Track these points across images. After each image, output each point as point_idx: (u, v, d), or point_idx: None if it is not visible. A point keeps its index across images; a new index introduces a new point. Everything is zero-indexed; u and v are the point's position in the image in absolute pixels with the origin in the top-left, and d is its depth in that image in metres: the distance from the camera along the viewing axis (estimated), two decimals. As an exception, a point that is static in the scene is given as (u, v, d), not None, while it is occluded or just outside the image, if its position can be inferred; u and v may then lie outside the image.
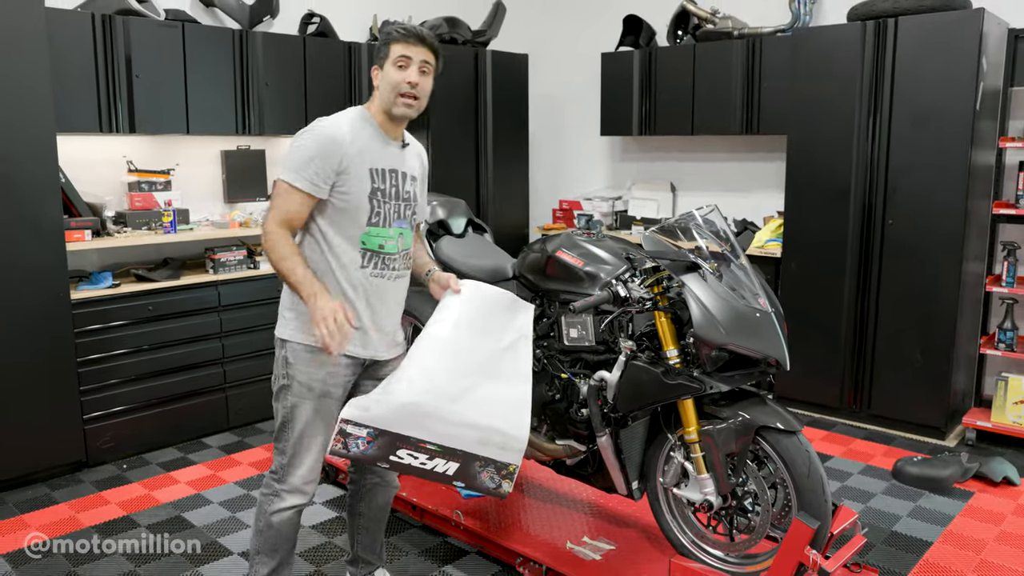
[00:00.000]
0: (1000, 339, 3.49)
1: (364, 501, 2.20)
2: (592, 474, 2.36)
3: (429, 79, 1.95)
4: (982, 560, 2.53)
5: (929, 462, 3.12)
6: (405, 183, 1.99)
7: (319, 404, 1.95)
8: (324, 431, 1.97)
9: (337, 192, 1.88)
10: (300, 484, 1.97)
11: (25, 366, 3.02)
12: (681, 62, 4.36)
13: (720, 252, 2.06)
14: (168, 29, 3.55)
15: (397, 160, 1.98)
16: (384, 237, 1.94)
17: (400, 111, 1.91)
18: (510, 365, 2.04)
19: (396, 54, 1.90)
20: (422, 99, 1.94)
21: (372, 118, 1.95)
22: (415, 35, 1.91)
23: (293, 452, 1.96)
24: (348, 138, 1.88)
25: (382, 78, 1.92)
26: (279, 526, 1.99)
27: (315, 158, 1.85)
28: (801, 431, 1.98)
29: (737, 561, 2.12)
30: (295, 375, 1.94)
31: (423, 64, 1.92)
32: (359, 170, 1.89)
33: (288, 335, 1.95)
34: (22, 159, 2.95)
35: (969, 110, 3.26)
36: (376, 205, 1.92)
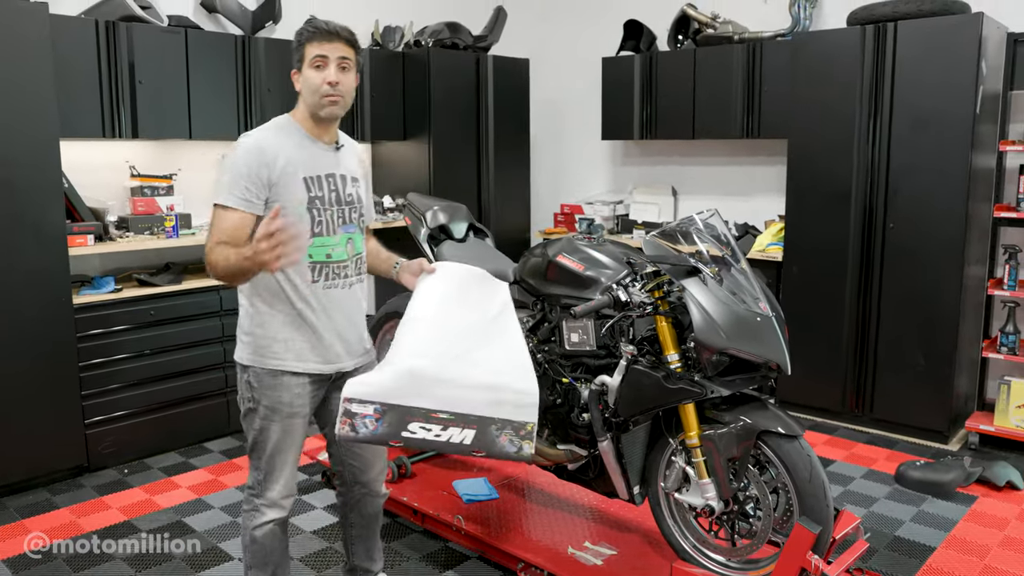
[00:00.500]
0: (1002, 343, 3.48)
1: (354, 512, 2.19)
2: (593, 479, 2.35)
3: (351, 75, 1.87)
4: (986, 565, 2.52)
5: (932, 466, 3.11)
6: (346, 186, 1.94)
7: (286, 424, 1.92)
8: (295, 448, 1.97)
9: (272, 207, 1.81)
10: (278, 499, 1.96)
11: (27, 370, 3.02)
12: (682, 67, 4.37)
13: (721, 256, 2.06)
14: (171, 35, 3.56)
15: (332, 164, 1.92)
16: (330, 245, 1.89)
17: (326, 112, 1.86)
18: (501, 331, 1.99)
19: (312, 55, 1.83)
20: (346, 97, 1.87)
21: (299, 125, 1.90)
22: (328, 32, 1.83)
23: (267, 469, 1.95)
24: (274, 149, 1.83)
25: (302, 82, 1.86)
26: (263, 540, 1.98)
27: (243, 174, 1.80)
28: (803, 435, 1.98)
29: (739, 566, 2.11)
30: (260, 398, 1.90)
31: (341, 61, 1.84)
32: (292, 181, 1.84)
33: (248, 360, 1.91)
34: (25, 164, 2.96)
35: (969, 114, 3.26)
36: (317, 214, 1.87)
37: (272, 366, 1.89)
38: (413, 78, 4.50)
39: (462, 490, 2.75)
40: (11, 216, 2.94)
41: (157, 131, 3.59)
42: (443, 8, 4.91)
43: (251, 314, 1.92)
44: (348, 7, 4.52)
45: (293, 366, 1.90)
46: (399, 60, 4.52)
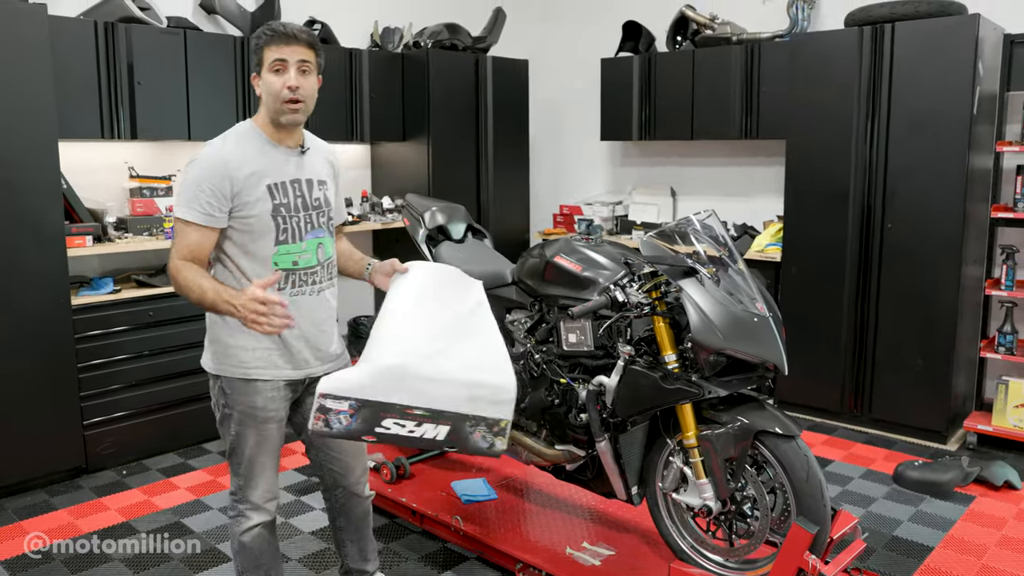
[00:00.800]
0: (1000, 342, 3.48)
1: (341, 515, 2.18)
2: (591, 479, 2.36)
3: (311, 78, 1.83)
4: (984, 565, 2.53)
5: (930, 466, 3.12)
6: (312, 190, 1.91)
7: (261, 429, 1.91)
8: (273, 451, 1.96)
9: (237, 217, 1.80)
10: (261, 502, 1.96)
11: (26, 371, 3.03)
12: (680, 67, 4.37)
13: (718, 257, 2.07)
14: (170, 36, 3.57)
15: (297, 169, 1.89)
16: (296, 253, 1.87)
17: (287, 119, 1.82)
18: (476, 327, 1.95)
19: (271, 58, 1.79)
20: (307, 101, 1.84)
21: (261, 131, 1.86)
22: (287, 35, 1.79)
23: (247, 474, 1.94)
24: (236, 159, 1.80)
25: (262, 86, 1.82)
26: (252, 543, 1.97)
27: (204, 187, 1.76)
28: (800, 436, 1.98)
29: (737, 566, 2.11)
30: (234, 404, 1.89)
31: (301, 64, 1.80)
32: (255, 190, 1.81)
33: (217, 369, 1.90)
34: (24, 165, 2.97)
35: (966, 114, 3.27)
36: (282, 222, 1.84)
37: (240, 374, 1.87)
38: (412, 79, 4.51)
39: (461, 491, 2.75)
40: (10, 217, 2.95)
41: (156, 132, 3.59)
42: (442, 9, 4.92)
43: (218, 322, 1.88)
44: (347, 8, 4.53)
45: (261, 374, 1.88)
46: (398, 61, 4.53)
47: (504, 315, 2.56)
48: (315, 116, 4.50)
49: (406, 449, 3.03)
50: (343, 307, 4.82)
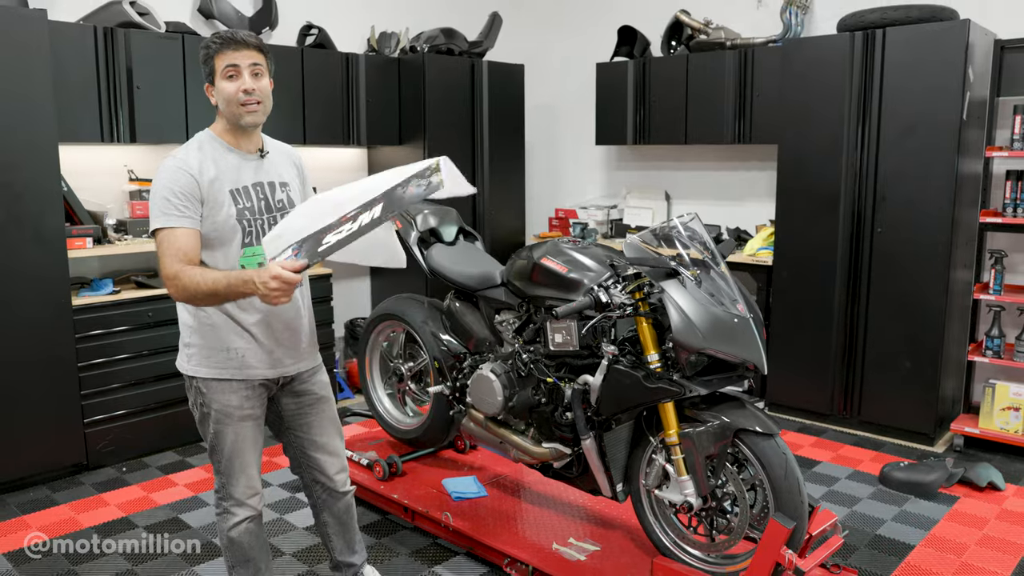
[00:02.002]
0: (988, 346, 3.52)
1: (324, 511, 2.22)
2: (578, 476, 2.40)
3: (264, 80, 1.88)
4: (963, 563, 2.57)
5: (915, 467, 3.15)
6: (275, 192, 1.94)
7: (239, 427, 1.95)
8: (252, 448, 1.99)
9: (205, 224, 1.83)
10: (243, 499, 1.99)
11: (27, 371, 3.09)
12: (675, 72, 4.42)
13: (701, 259, 2.11)
14: (168, 42, 3.63)
15: (258, 172, 1.93)
16: (261, 255, 1.88)
17: (248, 120, 1.86)
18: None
19: (223, 65, 1.83)
20: (265, 102, 1.88)
21: (219, 138, 1.90)
22: (235, 40, 1.83)
23: (228, 471, 1.97)
24: (200, 166, 1.84)
25: (217, 94, 1.86)
26: (239, 539, 2.01)
27: (176, 192, 1.79)
28: (779, 434, 2.03)
29: (717, 561, 2.16)
30: (211, 404, 1.92)
31: (253, 67, 1.85)
32: (219, 196, 1.84)
33: (192, 371, 1.93)
34: (25, 168, 3.03)
35: (956, 120, 3.31)
36: (247, 225, 1.88)
37: (215, 375, 1.91)
38: (409, 83, 4.56)
39: (452, 488, 2.80)
40: (11, 219, 3.01)
41: (155, 136, 3.65)
42: (438, 14, 4.98)
43: (192, 326, 1.93)
44: (344, 13, 4.59)
45: (235, 374, 1.92)
46: (395, 66, 4.58)
47: (493, 316, 2.61)
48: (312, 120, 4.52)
49: (399, 447, 3.08)
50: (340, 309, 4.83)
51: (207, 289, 1.75)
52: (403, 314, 2.90)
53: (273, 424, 2.12)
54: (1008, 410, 3.43)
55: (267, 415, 2.06)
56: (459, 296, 2.76)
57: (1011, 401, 3.42)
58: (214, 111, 3.77)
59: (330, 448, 2.14)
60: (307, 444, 2.12)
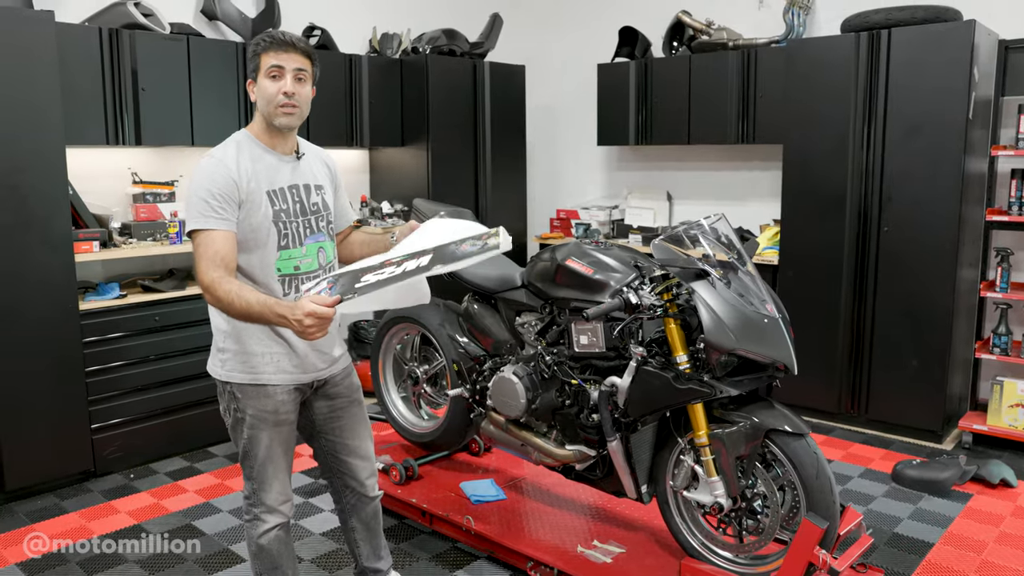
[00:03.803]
0: (995, 343, 3.56)
1: (352, 516, 2.20)
2: (602, 478, 2.39)
3: (307, 86, 1.87)
4: (984, 560, 2.59)
5: (928, 465, 3.18)
6: (310, 195, 1.93)
7: (274, 432, 1.93)
8: (286, 454, 1.97)
9: (242, 225, 1.82)
10: (275, 505, 1.97)
11: (35, 376, 3.03)
12: (677, 73, 4.43)
13: (727, 260, 2.11)
14: (173, 43, 3.58)
15: (294, 174, 1.92)
16: (297, 257, 1.89)
17: (282, 122, 1.85)
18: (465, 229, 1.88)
19: (268, 65, 1.82)
20: (303, 107, 1.87)
21: (256, 138, 1.89)
22: (284, 42, 1.82)
23: (260, 478, 1.95)
24: (236, 167, 1.82)
25: (258, 92, 1.85)
26: (269, 546, 1.99)
27: (214, 194, 1.78)
28: (809, 434, 2.03)
29: (746, 562, 2.16)
30: (246, 408, 1.91)
31: (297, 72, 1.84)
32: (256, 197, 1.83)
33: (226, 376, 1.91)
34: (32, 171, 2.98)
35: (962, 119, 3.34)
36: (283, 227, 1.87)
37: (251, 379, 1.89)
38: (411, 85, 4.54)
39: (470, 491, 2.78)
40: (19, 222, 2.96)
41: (160, 138, 3.60)
42: (439, 15, 4.96)
43: (227, 330, 1.90)
44: (346, 14, 4.56)
45: (271, 378, 1.90)
46: (397, 67, 4.56)
47: (513, 318, 2.60)
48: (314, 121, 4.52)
49: (414, 451, 3.06)
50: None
51: (239, 309, 1.72)
52: (419, 317, 2.88)
53: (304, 428, 2.09)
54: (1016, 407, 3.46)
55: (299, 420, 2.04)
56: (477, 298, 2.74)
57: (1019, 398, 3.46)
58: (219, 113, 3.78)
59: (362, 452, 2.12)
60: (339, 448, 2.10)
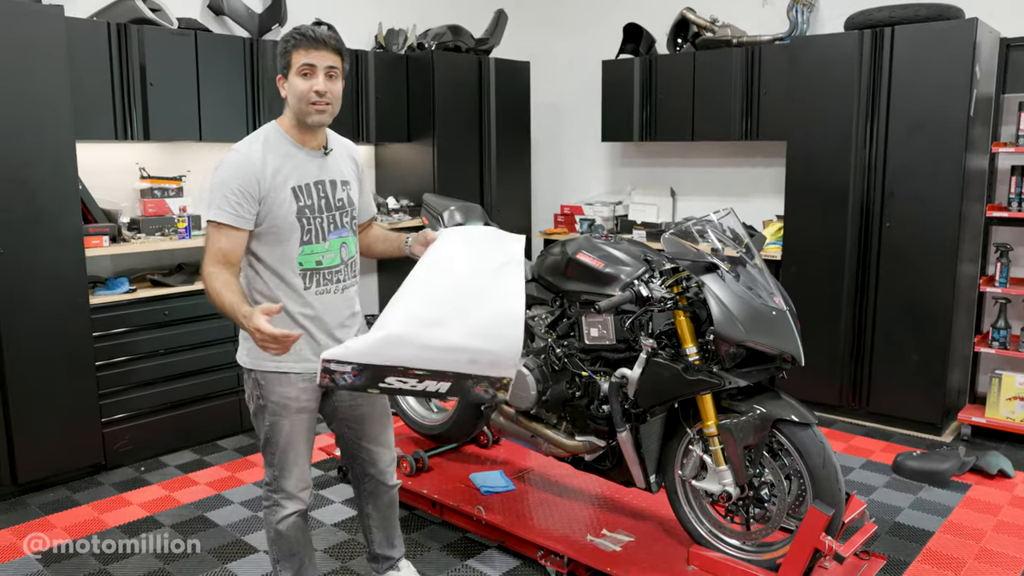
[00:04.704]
0: (994, 338, 3.61)
1: (369, 503, 2.25)
2: (611, 469, 2.44)
3: (338, 83, 1.88)
4: (982, 548, 2.64)
5: (928, 456, 3.23)
6: (336, 191, 1.96)
7: (295, 419, 1.97)
8: (306, 442, 2.01)
9: (264, 219, 1.84)
10: (295, 491, 2.01)
11: (46, 370, 3.06)
12: (681, 70, 4.47)
13: (736, 253, 2.15)
14: (181, 38, 3.60)
15: (321, 170, 1.93)
16: (320, 252, 1.92)
17: (313, 120, 1.86)
18: (499, 285, 1.91)
19: (299, 63, 1.83)
20: (334, 104, 1.87)
21: (286, 133, 1.90)
22: (316, 40, 1.83)
23: (281, 464, 1.99)
24: (261, 162, 1.83)
25: (288, 89, 1.86)
26: (287, 532, 2.03)
27: (233, 188, 1.80)
28: (816, 423, 2.08)
29: (753, 549, 2.20)
30: (268, 395, 1.95)
31: (329, 69, 1.84)
32: (281, 193, 1.85)
33: (250, 364, 1.96)
34: (42, 167, 3.00)
35: (963, 116, 3.38)
36: (306, 223, 1.89)
37: (273, 367, 1.92)
38: (417, 80, 4.57)
39: (480, 482, 2.82)
40: (30, 217, 2.98)
41: (168, 133, 3.62)
42: (444, 11, 4.98)
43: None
44: (351, 10, 4.58)
45: (292, 366, 1.93)
46: (403, 63, 4.58)
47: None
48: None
49: (422, 443, 3.10)
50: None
51: (218, 304, 1.79)
52: None
53: (327, 415, 2.13)
54: (1014, 400, 3.52)
55: (322, 406, 2.08)
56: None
57: (1017, 391, 3.51)
58: (226, 109, 3.80)
59: (382, 440, 2.17)
60: (361, 435, 2.14)
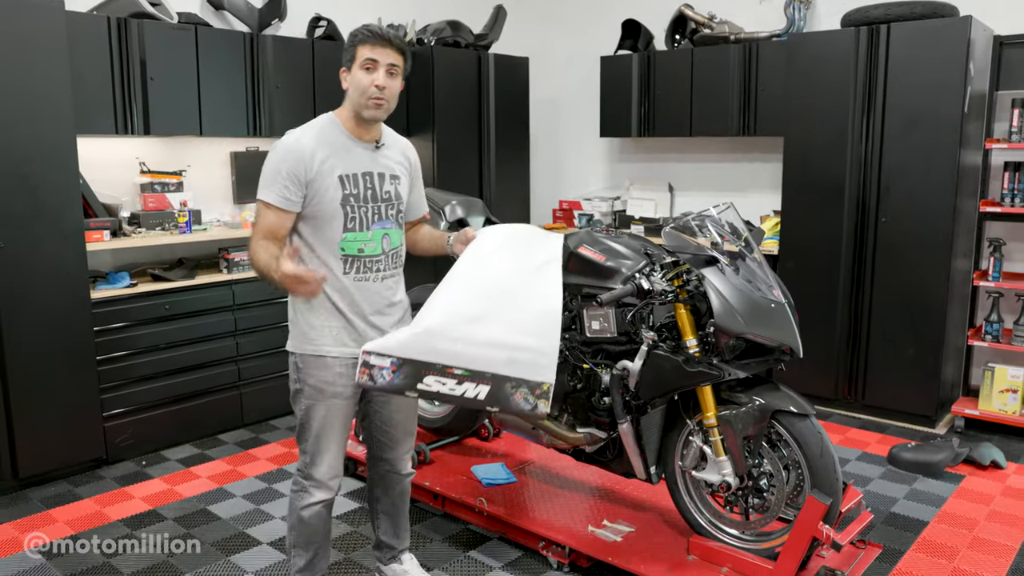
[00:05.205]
0: (987, 331, 3.65)
1: (379, 487, 2.29)
2: (611, 460, 2.47)
3: (397, 81, 1.97)
4: (975, 537, 2.69)
5: (922, 448, 3.28)
6: (383, 183, 2.02)
7: (331, 404, 2.02)
8: (339, 429, 2.05)
9: (310, 203, 1.93)
10: (324, 479, 2.05)
11: (47, 364, 3.07)
12: (679, 66, 4.49)
13: (736, 247, 2.18)
14: (181, 32, 3.61)
15: (371, 162, 2.00)
16: (362, 241, 1.98)
17: (369, 114, 1.94)
18: (538, 284, 1.99)
19: (363, 57, 1.92)
20: (390, 101, 1.96)
21: (341, 124, 1.98)
22: (381, 37, 1.92)
23: (313, 450, 2.04)
24: (312, 149, 1.92)
25: (350, 81, 1.95)
26: (309, 520, 2.07)
27: (282, 173, 1.89)
28: (814, 414, 2.11)
29: (752, 538, 2.24)
30: (306, 379, 2.01)
31: (390, 67, 1.93)
32: (327, 179, 1.92)
33: (292, 347, 2.04)
34: (44, 161, 3.00)
35: (957, 113, 3.42)
36: (350, 211, 1.95)
37: (311, 351, 1.99)
38: (416, 76, 4.57)
39: (481, 475, 2.85)
40: (31, 212, 2.99)
41: (168, 128, 3.63)
42: (444, 7, 4.99)
43: (295, 303, 2.03)
44: (351, 5, 4.59)
45: (329, 350, 1.99)
46: (402, 58, 4.58)
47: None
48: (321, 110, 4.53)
49: (426, 436, 3.12)
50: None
51: (255, 266, 1.91)
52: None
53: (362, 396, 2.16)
54: (1006, 392, 3.57)
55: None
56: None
57: (1009, 383, 3.56)
58: (227, 103, 3.80)
59: (404, 429, 2.21)
60: (385, 421, 2.17)
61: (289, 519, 2.11)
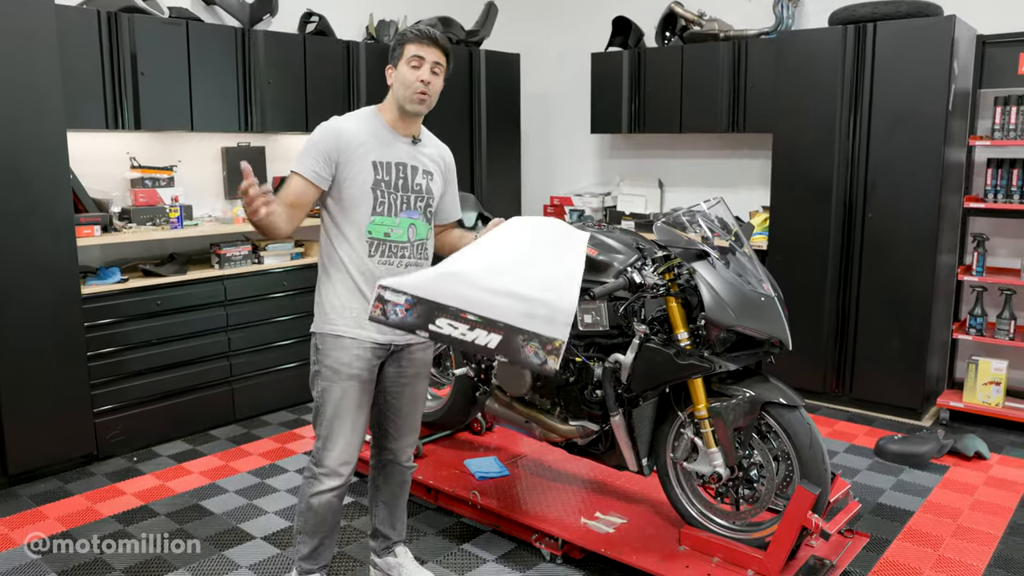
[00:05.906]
0: (971, 325, 3.72)
1: (380, 475, 2.31)
2: (604, 453, 2.50)
3: (440, 79, 2.07)
4: (959, 526, 2.74)
5: (908, 440, 3.33)
6: (416, 176, 2.09)
7: (347, 386, 2.05)
8: (353, 414, 2.07)
9: (340, 183, 2.01)
10: (336, 466, 2.07)
11: (37, 360, 3.05)
12: (669, 63, 4.52)
13: (726, 241, 2.22)
14: (172, 27, 3.59)
15: (406, 155, 2.08)
16: (389, 225, 2.04)
17: (412, 108, 2.04)
18: (564, 253, 2.02)
19: (410, 54, 2.02)
20: (432, 97, 2.06)
21: (382, 117, 2.08)
22: (428, 37, 2.03)
23: (327, 435, 2.07)
24: (350, 132, 2.01)
25: (396, 77, 2.05)
26: (318, 508, 2.09)
27: (316, 148, 1.99)
28: (803, 406, 2.15)
29: (742, 528, 2.28)
30: (324, 360, 2.06)
31: (435, 65, 2.04)
32: (361, 162, 2.00)
33: (315, 328, 2.10)
34: (34, 156, 2.99)
35: (942, 111, 3.48)
36: (380, 195, 2.02)
37: (329, 331, 2.05)
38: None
39: (474, 468, 2.87)
40: (21, 207, 2.97)
41: (159, 123, 3.61)
42: (435, 2, 4.99)
43: (321, 283, 2.10)
44: (343, 1, 4.58)
45: (347, 331, 2.04)
46: (393, 54, 4.59)
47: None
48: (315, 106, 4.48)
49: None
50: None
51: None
52: None
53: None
54: (990, 384, 3.63)
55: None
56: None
57: (992, 376, 3.62)
58: (218, 98, 3.78)
59: (411, 421, 2.24)
60: (394, 411, 2.20)
61: (298, 505, 2.14)
